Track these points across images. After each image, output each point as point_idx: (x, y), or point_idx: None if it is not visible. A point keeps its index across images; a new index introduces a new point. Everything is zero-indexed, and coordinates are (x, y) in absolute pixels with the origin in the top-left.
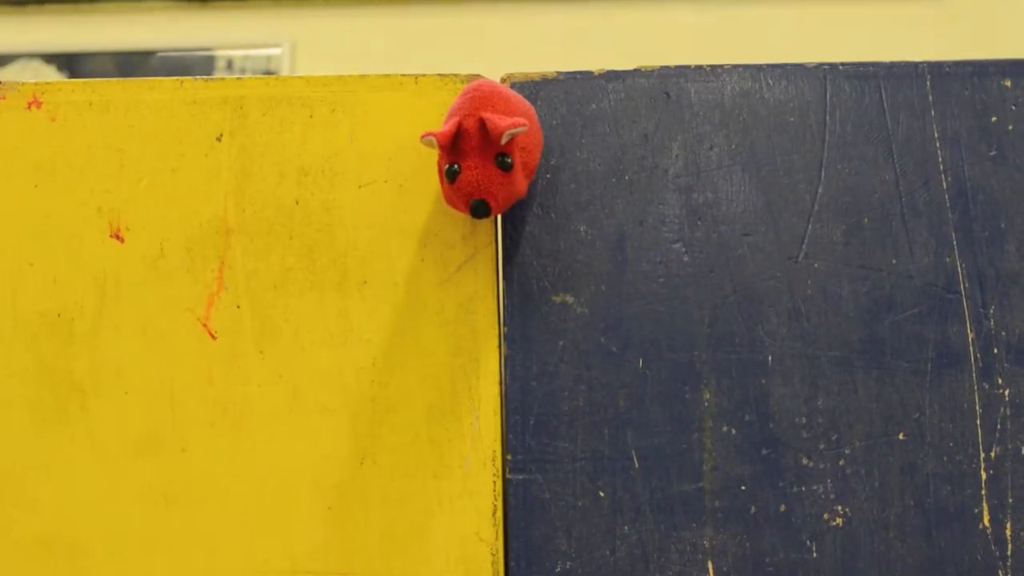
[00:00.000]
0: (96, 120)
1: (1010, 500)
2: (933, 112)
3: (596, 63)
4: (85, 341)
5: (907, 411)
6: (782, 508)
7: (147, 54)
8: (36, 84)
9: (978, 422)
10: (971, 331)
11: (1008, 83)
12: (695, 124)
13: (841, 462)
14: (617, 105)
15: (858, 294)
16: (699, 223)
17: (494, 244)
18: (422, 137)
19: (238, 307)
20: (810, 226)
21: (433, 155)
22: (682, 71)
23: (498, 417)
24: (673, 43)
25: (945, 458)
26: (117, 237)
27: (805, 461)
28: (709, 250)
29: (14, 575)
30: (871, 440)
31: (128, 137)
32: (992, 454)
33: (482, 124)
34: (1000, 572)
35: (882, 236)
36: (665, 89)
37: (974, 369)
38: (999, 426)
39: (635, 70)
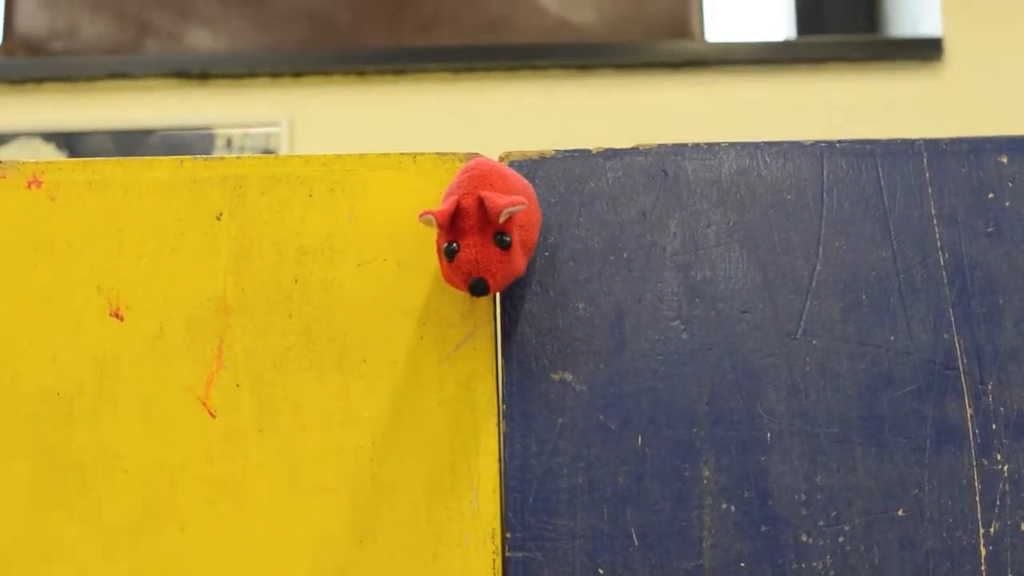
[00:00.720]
0: (96, 199)
1: None
2: (930, 189)
3: (594, 141)
4: (85, 420)
5: (906, 487)
6: None
7: (146, 132)
8: (36, 163)
9: (977, 498)
10: (969, 407)
11: (1005, 160)
12: (693, 202)
13: (841, 539)
14: (615, 183)
15: (856, 371)
16: (697, 300)
17: (493, 322)
18: (421, 216)
19: (237, 386)
20: (808, 303)
21: (432, 233)
22: (680, 149)
23: (497, 495)
24: (670, 121)
25: (945, 534)
26: (117, 316)
27: (804, 538)
28: (707, 327)
29: None
30: (870, 517)
31: (128, 216)
32: (991, 530)
33: (481, 203)
34: None
35: (880, 313)
36: (663, 167)
37: (973, 445)
38: (998, 502)
39: (633, 148)
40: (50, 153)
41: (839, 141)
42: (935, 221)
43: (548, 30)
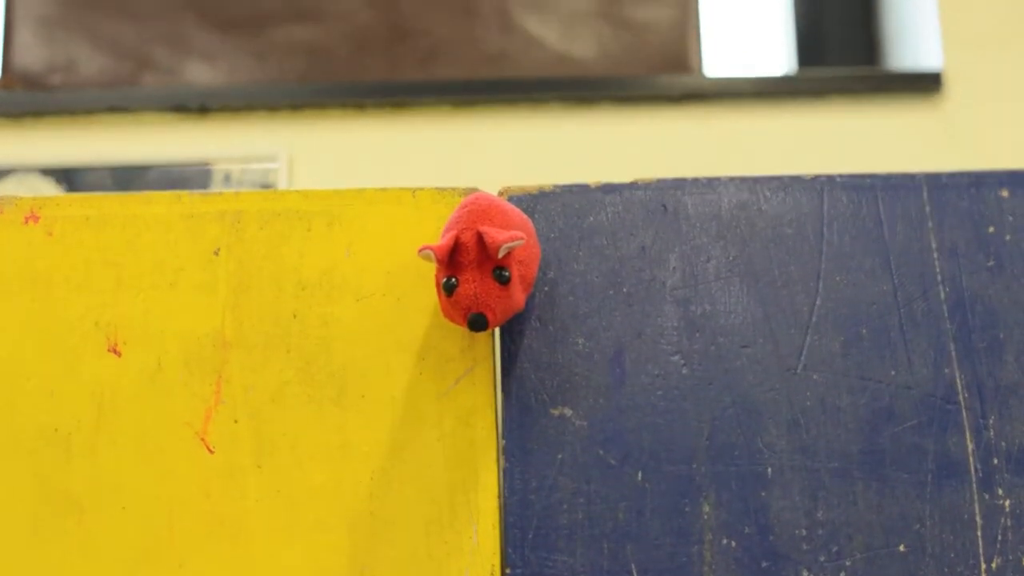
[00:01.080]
0: (93, 235)
1: None
2: (931, 223)
3: (593, 175)
4: (83, 455)
5: (908, 522)
6: None
7: (144, 168)
8: (34, 199)
9: (979, 533)
10: (971, 442)
11: (1005, 193)
12: (692, 236)
13: (842, 574)
14: (614, 218)
15: (857, 405)
16: (697, 335)
17: (492, 357)
18: (420, 250)
19: (236, 421)
20: (808, 337)
21: (431, 268)
22: (679, 183)
23: (497, 531)
24: (670, 155)
25: (946, 569)
26: (114, 351)
27: (806, 574)
28: (707, 362)
29: None
30: (872, 552)
31: (125, 251)
32: (993, 565)
33: (480, 238)
34: None
35: (880, 347)
36: (662, 201)
37: (974, 480)
38: (1000, 537)
39: (632, 183)
40: (48, 188)
41: (839, 175)
42: (936, 255)
43: (547, 64)
